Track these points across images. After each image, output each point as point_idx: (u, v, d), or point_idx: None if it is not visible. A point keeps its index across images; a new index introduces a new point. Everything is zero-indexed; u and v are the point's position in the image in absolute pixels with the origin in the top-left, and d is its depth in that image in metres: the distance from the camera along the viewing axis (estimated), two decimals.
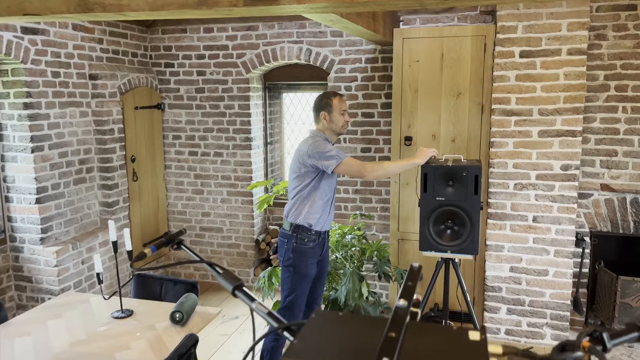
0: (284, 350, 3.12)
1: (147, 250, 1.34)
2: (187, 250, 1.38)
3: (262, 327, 3.97)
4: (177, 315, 2.41)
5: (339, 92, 4.42)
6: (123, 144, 4.49)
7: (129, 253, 2.54)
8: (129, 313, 2.55)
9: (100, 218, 4.43)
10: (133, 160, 4.61)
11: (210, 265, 1.27)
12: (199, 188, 5.03)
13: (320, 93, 3.04)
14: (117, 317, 2.51)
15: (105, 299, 2.59)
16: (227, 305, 4.46)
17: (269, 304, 4.25)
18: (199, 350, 3.67)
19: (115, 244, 2.48)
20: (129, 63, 4.65)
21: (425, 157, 2.83)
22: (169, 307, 2.58)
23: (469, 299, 3.04)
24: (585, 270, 3.87)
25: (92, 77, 4.23)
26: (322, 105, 2.96)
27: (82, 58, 4.15)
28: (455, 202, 2.79)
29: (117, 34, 4.50)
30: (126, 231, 2.54)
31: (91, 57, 4.24)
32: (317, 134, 2.95)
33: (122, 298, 2.77)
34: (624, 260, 3.92)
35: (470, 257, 2.86)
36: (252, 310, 1.08)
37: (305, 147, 2.84)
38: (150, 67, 4.93)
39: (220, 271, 1.17)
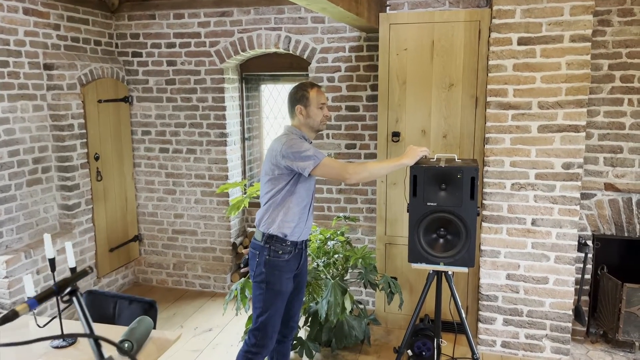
0: None
1: (20, 307, 0.98)
2: (77, 306, 1.02)
3: (237, 343, 3.64)
4: (126, 344, 2.05)
5: (319, 83, 4.08)
6: (85, 140, 4.09)
7: (72, 270, 2.17)
8: (71, 341, 2.19)
9: (60, 222, 4.04)
10: (97, 159, 4.22)
11: (97, 343, 0.91)
12: (170, 188, 4.66)
13: (296, 84, 2.68)
14: (57, 347, 2.15)
15: (39, 326, 2.22)
16: (202, 316, 4.11)
17: (242, 318, 3.92)
18: None
19: (52, 261, 2.11)
20: (91, 52, 4.25)
21: (415, 157, 2.48)
22: (121, 331, 2.23)
23: (462, 311, 2.73)
24: (588, 276, 3.58)
25: (47, 67, 3.83)
26: (297, 98, 2.60)
27: (35, 46, 3.75)
28: (448, 208, 2.46)
29: (76, 20, 4.09)
30: (68, 245, 2.18)
31: (46, 45, 3.84)
32: (293, 131, 2.59)
33: (68, 321, 2.41)
34: (628, 265, 3.63)
35: (465, 269, 2.53)
36: None
37: (278, 146, 2.48)
38: (116, 56, 4.53)
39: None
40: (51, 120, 3.88)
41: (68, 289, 0.97)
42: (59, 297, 0.99)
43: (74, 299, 0.97)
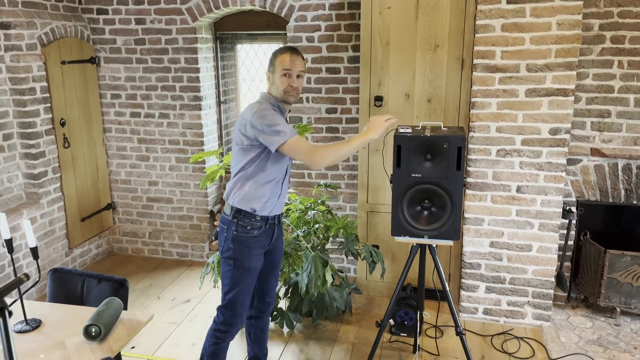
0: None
1: None
2: (1, 330, 0.87)
3: (209, 317, 3.55)
4: (93, 329, 1.93)
5: (297, 43, 3.86)
6: (49, 105, 3.85)
7: (33, 250, 2.02)
8: (35, 324, 2.06)
9: (26, 192, 3.84)
10: (63, 124, 3.99)
11: None
12: (143, 154, 4.46)
13: None
14: (20, 331, 2.02)
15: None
16: (179, 286, 4.00)
17: (218, 292, 3.81)
18: (141, 344, 3.24)
19: (10, 242, 1.95)
20: (52, 9, 3.94)
21: (380, 130, 2.23)
22: (89, 313, 2.10)
23: (446, 284, 2.66)
24: (571, 242, 3.54)
25: (4, 25, 3.54)
26: (269, 62, 2.40)
27: None
28: (434, 179, 2.34)
29: None
30: (27, 224, 2.01)
31: (2, 2, 3.53)
32: (266, 98, 2.38)
33: (32, 302, 2.28)
34: (611, 231, 3.60)
35: (450, 242, 2.45)
36: None
37: (248, 115, 2.28)
38: (80, 13, 4.22)
39: None
40: (10, 83, 3.62)
41: None
42: None
43: (0, 319, 0.82)
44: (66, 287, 2.39)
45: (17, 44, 3.56)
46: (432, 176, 2.34)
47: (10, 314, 0.85)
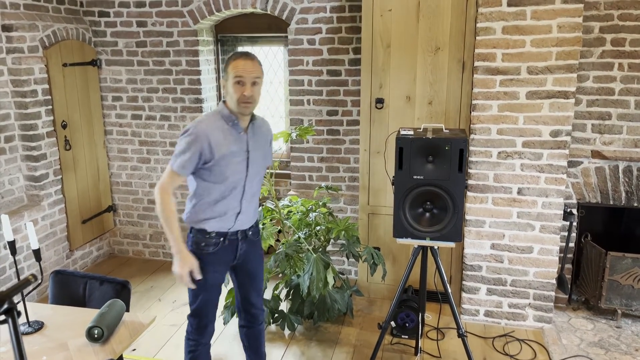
0: None
1: None
2: (10, 328, 0.88)
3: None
4: (96, 331, 1.93)
5: (298, 45, 3.87)
6: (50, 107, 3.85)
7: (35, 252, 2.02)
8: (38, 326, 2.06)
9: (27, 194, 3.84)
10: (64, 127, 3.99)
11: None
12: (145, 156, 4.46)
13: None
14: (22, 333, 2.01)
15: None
16: (180, 288, 4.00)
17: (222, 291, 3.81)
18: (142, 346, 3.24)
19: (12, 243, 1.95)
20: (54, 11, 3.95)
21: (178, 271, 2.22)
22: (91, 315, 2.11)
23: (448, 286, 2.66)
24: (571, 244, 3.54)
25: (6, 28, 3.54)
26: (223, 69, 2.26)
27: None
28: (435, 181, 2.35)
29: None
30: (30, 226, 2.02)
31: (4, 4, 3.54)
32: (221, 111, 2.24)
33: (35, 304, 2.28)
34: (612, 233, 3.61)
35: (452, 244, 2.45)
36: None
37: (189, 124, 2.25)
38: (81, 16, 4.23)
39: None
40: (12, 85, 3.63)
41: (4, 306, 0.82)
42: None
43: (9, 320, 0.82)
44: (68, 289, 2.40)
45: (19, 46, 3.57)
46: (433, 178, 2.35)
47: (19, 314, 0.85)
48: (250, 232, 2.44)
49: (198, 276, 2.27)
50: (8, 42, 3.56)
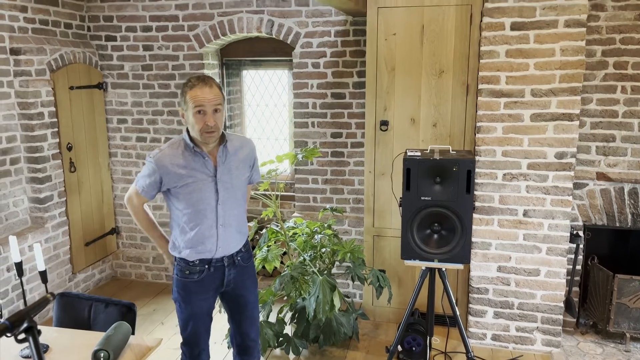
0: None
1: None
2: (32, 346, 0.87)
3: (221, 341, 3.50)
4: (102, 354, 1.90)
5: (302, 69, 3.91)
6: (56, 130, 3.87)
7: (42, 274, 2.01)
8: (43, 350, 2.02)
9: (31, 216, 3.83)
10: (69, 149, 4.01)
11: None
12: None
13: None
14: (27, 357, 1.99)
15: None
16: None
17: (223, 317, 3.77)
18: None
19: (19, 266, 1.94)
20: (62, 35, 4.00)
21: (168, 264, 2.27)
22: (96, 338, 2.08)
23: (456, 309, 2.64)
24: (578, 267, 3.52)
25: (14, 51, 3.59)
26: (180, 97, 2.19)
27: (0, 29, 3.50)
28: (443, 202, 2.35)
29: (45, 1, 3.84)
30: (37, 247, 2.01)
31: (12, 28, 3.59)
32: (184, 139, 2.21)
33: (39, 327, 2.24)
34: (619, 256, 3.59)
35: (460, 266, 2.43)
36: None
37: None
38: (89, 40, 4.29)
39: None
40: (19, 108, 3.66)
41: (24, 325, 0.82)
42: (13, 334, 0.83)
43: (30, 339, 0.82)
44: (73, 312, 2.37)
45: (27, 69, 3.61)
46: (441, 199, 2.35)
47: (40, 332, 0.84)
48: (239, 258, 2.37)
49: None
50: (16, 65, 3.60)
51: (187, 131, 2.22)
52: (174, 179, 2.20)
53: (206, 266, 2.28)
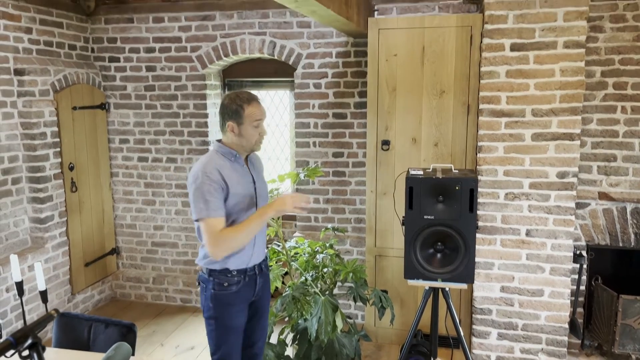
0: None
1: None
2: None
3: None
4: None
5: (304, 89, 3.94)
6: (58, 149, 3.88)
7: (42, 294, 1.99)
8: None
9: (32, 236, 3.82)
10: (71, 169, 4.01)
11: None
12: (150, 198, 4.46)
13: (229, 93, 2.34)
14: None
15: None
16: (183, 333, 3.92)
17: None
18: None
19: (20, 285, 1.93)
20: (66, 56, 4.05)
21: (280, 209, 2.19)
22: (96, 359, 2.05)
23: (461, 330, 2.61)
24: (582, 288, 3.49)
25: (18, 72, 3.62)
26: (230, 113, 2.24)
27: (5, 50, 3.54)
28: (446, 221, 2.34)
29: (49, 23, 3.89)
30: (38, 266, 1.99)
31: (17, 49, 3.63)
32: (219, 150, 2.28)
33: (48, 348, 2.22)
34: (623, 276, 3.55)
35: (464, 286, 2.41)
36: None
37: (192, 171, 2.23)
38: (92, 61, 4.33)
39: None
40: (22, 128, 3.67)
41: (28, 342, 0.81)
42: (17, 351, 0.82)
43: (35, 355, 0.80)
44: (72, 332, 2.34)
45: (30, 90, 3.63)
46: (444, 218, 2.34)
47: (44, 349, 0.82)
48: (263, 265, 2.45)
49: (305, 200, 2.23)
50: (20, 85, 3.63)
51: (221, 143, 2.31)
52: (227, 183, 2.21)
53: (242, 276, 2.31)
